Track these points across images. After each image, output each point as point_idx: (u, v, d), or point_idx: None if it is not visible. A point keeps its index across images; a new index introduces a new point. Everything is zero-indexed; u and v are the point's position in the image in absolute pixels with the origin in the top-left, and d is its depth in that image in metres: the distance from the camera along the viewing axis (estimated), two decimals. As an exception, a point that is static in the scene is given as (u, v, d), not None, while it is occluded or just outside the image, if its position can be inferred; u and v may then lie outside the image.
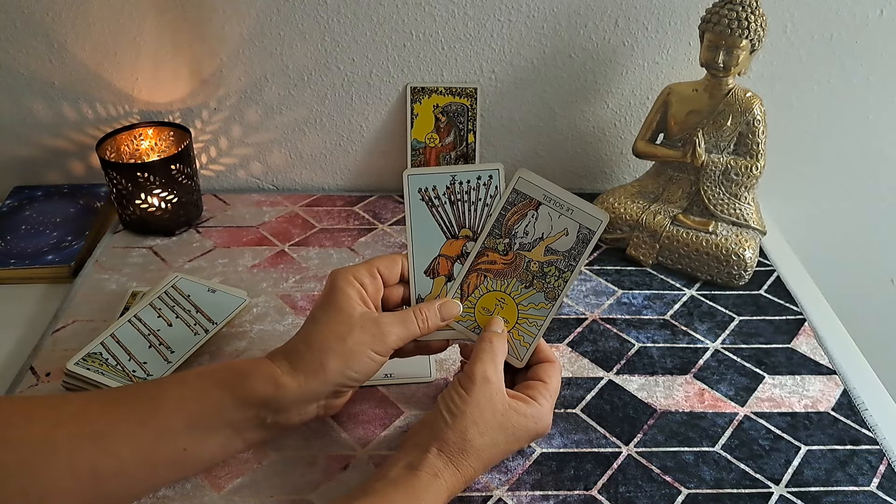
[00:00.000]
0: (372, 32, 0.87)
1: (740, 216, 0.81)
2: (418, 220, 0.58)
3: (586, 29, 0.87)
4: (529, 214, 0.57)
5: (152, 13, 0.85)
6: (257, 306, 0.75)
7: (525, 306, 0.58)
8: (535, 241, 0.57)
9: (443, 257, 0.59)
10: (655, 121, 0.84)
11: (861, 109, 0.94)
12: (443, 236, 0.58)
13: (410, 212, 0.58)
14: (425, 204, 0.58)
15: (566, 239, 0.57)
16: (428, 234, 0.58)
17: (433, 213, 0.58)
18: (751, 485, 0.58)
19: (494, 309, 0.58)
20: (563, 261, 0.57)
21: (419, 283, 0.59)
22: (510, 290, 0.58)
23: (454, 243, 0.59)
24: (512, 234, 0.57)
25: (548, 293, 0.57)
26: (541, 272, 0.57)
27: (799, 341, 0.73)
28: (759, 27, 0.75)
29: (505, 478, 0.58)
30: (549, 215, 0.57)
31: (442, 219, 0.58)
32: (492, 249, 0.58)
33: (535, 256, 0.57)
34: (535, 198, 0.57)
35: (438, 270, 0.59)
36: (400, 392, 0.66)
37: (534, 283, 0.57)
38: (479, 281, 0.58)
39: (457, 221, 0.59)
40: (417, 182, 0.58)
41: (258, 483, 0.57)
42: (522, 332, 0.58)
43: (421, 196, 0.58)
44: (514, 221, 0.57)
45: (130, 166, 0.82)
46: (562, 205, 0.57)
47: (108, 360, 0.63)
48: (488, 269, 0.58)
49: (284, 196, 0.95)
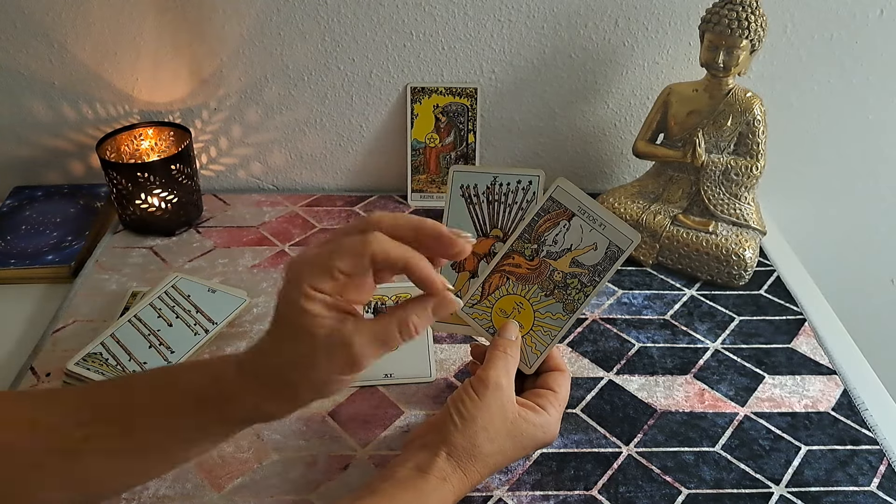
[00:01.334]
0: (372, 32, 0.87)
1: (740, 216, 0.81)
2: (455, 215, 0.60)
3: (586, 29, 0.87)
4: (561, 224, 0.57)
5: (152, 13, 0.85)
6: (257, 306, 0.75)
7: (542, 314, 0.58)
8: (563, 252, 0.57)
9: (471, 253, 0.59)
10: (655, 121, 0.84)
11: (861, 109, 0.94)
12: (475, 232, 0.60)
13: (450, 205, 0.60)
14: (464, 200, 0.60)
15: (594, 253, 0.56)
16: (461, 229, 0.59)
17: (470, 210, 0.60)
18: (751, 485, 0.58)
19: (511, 312, 0.58)
20: (587, 275, 0.57)
21: (445, 273, 0.60)
22: (530, 295, 0.58)
23: (484, 241, 0.60)
24: (541, 240, 0.57)
25: (566, 305, 0.57)
26: (563, 283, 0.57)
27: (799, 341, 0.73)
28: (760, 27, 0.75)
29: (505, 478, 0.58)
30: (581, 227, 0.56)
31: (477, 216, 0.60)
32: (519, 253, 0.58)
33: (560, 266, 0.57)
34: (569, 208, 0.57)
35: (465, 265, 0.60)
36: (400, 392, 0.66)
37: (554, 293, 0.57)
38: (501, 282, 0.58)
39: (490, 221, 0.60)
40: (461, 179, 0.60)
41: (258, 483, 0.57)
42: (535, 340, 0.58)
43: (462, 192, 0.60)
44: (546, 229, 0.57)
45: (130, 166, 0.82)
46: (595, 219, 0.56)
47: (109, 360, 0.63)
48: (512, 272, 0.58)
49: (284, 196, 0.95)
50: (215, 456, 0.59)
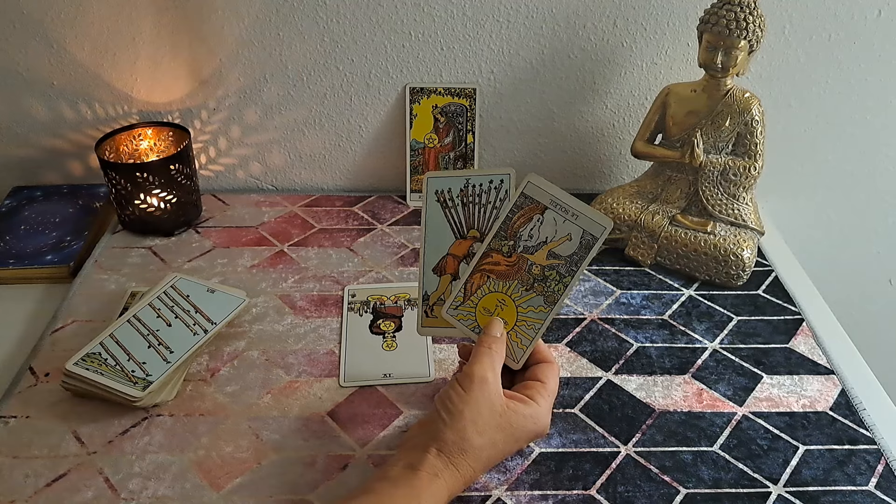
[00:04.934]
0: (371, 33, 0.87)
1: (738, 216, 0.81)
2: (433, 220, 0.60)
3: (585, 30, 0.87)
4: (535, 218, 0.58)
5: (151, 14, 0.85)
6: (256, 306, 0.75)
7: (524, 309, 0.58)
8: (539, 245, 0.58)
9: (451, 256, 0.60)
10: (654, 121, 0.84)
11: (859, 110, 0.94)
12: (453, 236, 0.60)
13: (426, 212, 0.60)
14: (440, 205, 0.60)
15: (569, 244, 0.57)
16: (440, 234, 0.60)
17: (446, 214, 0.60)
18: (749, 484, 0.58)
19: (495, 310, 0.59)
20: (564, 265, 0.57)
21: (427, 279, 0.61)
22: (511, 291, 0.58)
23: (462, 243, 0.60)
24: (517, 236, 0.58)
25: (547, 297, 0.58)
26: (542, 276, 0.58)
27: (797, 341, 0.73)
28: (758, 28, 0.75)
29: (504, 477, 0.58)
30: (555, 220, 0.57)
31: (454, 219, 0.60)
32: (496, 251, 0.58)
33: (537, 260, 0.58)
34: (541, 202, 0.58)
35: (446, 269, 0.60)
36: (399, 392, 0.66)
37: (534, 287, 0.58)
38: (482, 281, 0.59)
39: (467, 222, 0.60)
40: (435, 185, 0.60)
41: (258, 483, 0.57)
42: (520, 335, 0.58)
43: (437, 197, 0.60)
44: (520, 224, 0.58)
45: (130, 166, 0.82)
46: (567, 210, 0.57)
47: (108, 360, 0.63)
48: (492, 270, 0.59)
49: (283, 196, 0.95)
50: (214, 456, 0.59)
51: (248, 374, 0.67)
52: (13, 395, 0.64)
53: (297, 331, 0.72)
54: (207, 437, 0.61)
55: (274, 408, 0.64)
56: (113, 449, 0.60)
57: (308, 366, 0.68)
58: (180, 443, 0.60)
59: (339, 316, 0.75)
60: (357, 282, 0.79)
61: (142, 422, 0.62)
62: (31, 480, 0.57)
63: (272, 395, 0.65)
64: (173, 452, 0.59)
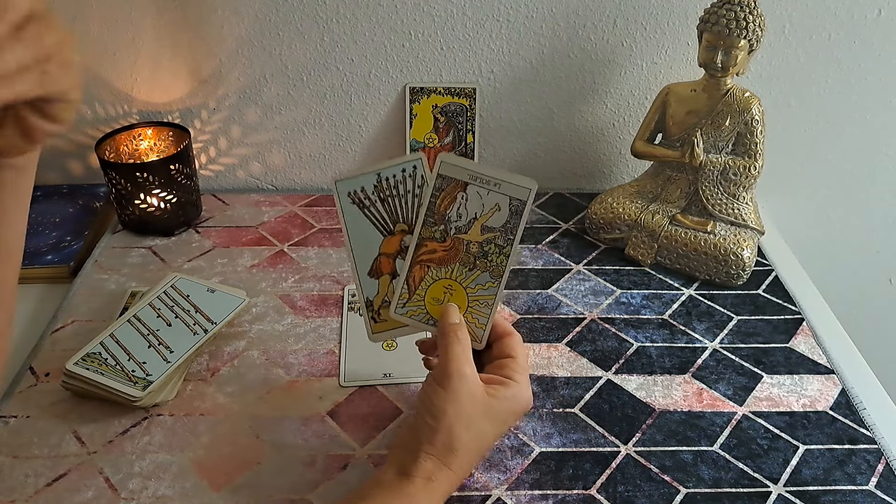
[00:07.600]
0: (371, 33, 0.87)
1: (738, 216, 0.81)
2: (353, 224, 0.58)
3: (585, 29, 0.87)
4: (459, 197, 0.57)
5: (151, 13, 0.85)
6: (256, 306, 0.75)
7: (473, 288, 0.58)
8: (470, 222, 0.57)
9: (383, 256, 0.58)
10: (654, 121, 0.84)
11: (859, 109, 0.94)
12: (379, 235, 0.58)
13: (344, 216, 0.58)
14: (357, 207, 0.58)
15: (499, 214, 0.56)
16: (365, 236, 0.58)
17: (366, 214, 0.58)
18: (749, 484, 0.58)
19: (444, 297, 0.58)
20: (501, 236, 0.57)
21: (365, 285, 0.59)
22: (455, 275, 0.57)
23: (391, 240, 0.58)
24: (446, 219, 0.57)
25: (492, 271, 0.57)
26: (481, 252, 0.57)
27: (797, 341, 0.73)
28: (758, 27, 0.75)
29: (504, 477, 0.58)
30: (479, 194, 0.56)
31: (375, 218, 0.58)
32: (430, 238, 0.57)
33: (472, 237, 0.57)
34: (461, 179, 0.56)
35: (382, 269, 0.59)
36: (398, 392, 0.66)
37: (477, 264, 0.57)
38: (423, 272, 0.58)
39: (391, 217, 0.58)
40: (346, 187, 0.58)
41: (258, 483, 0.57)
42: (476, 315, 0.58)
43: (352, 199, 0.58)
44: (446, 206, 0.57)
45: (129, 166, 0.82)
46: (488, 181, 0.56)
47: (108, 360, 0.63)
48: (430, 259, 0.58)
49: (283, 196, 0.95)
50: (215, 456, 0.59)
51: (248, 374, 0.67)
52: (13, 395, 0.64)
53: (297, 331, 0.72)
54: (207, 437, 0.61)
55: (274, 408, 0.64)
56: (113, 449, 0.60)
57: (308, 366, 0.68)
58: (180, 443, 0.60)
59: (339, 316, 0.75)
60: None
61: (142, 422, 0.62)
62: (32, 480, 0.57)
63: (272, 395, 0.65)
64: (173, 452, 0.59)
